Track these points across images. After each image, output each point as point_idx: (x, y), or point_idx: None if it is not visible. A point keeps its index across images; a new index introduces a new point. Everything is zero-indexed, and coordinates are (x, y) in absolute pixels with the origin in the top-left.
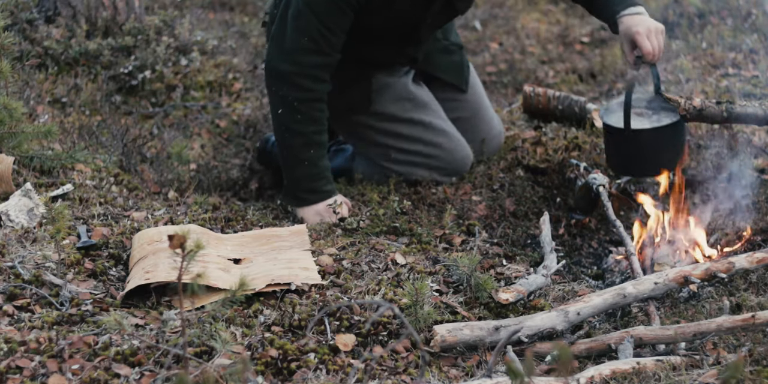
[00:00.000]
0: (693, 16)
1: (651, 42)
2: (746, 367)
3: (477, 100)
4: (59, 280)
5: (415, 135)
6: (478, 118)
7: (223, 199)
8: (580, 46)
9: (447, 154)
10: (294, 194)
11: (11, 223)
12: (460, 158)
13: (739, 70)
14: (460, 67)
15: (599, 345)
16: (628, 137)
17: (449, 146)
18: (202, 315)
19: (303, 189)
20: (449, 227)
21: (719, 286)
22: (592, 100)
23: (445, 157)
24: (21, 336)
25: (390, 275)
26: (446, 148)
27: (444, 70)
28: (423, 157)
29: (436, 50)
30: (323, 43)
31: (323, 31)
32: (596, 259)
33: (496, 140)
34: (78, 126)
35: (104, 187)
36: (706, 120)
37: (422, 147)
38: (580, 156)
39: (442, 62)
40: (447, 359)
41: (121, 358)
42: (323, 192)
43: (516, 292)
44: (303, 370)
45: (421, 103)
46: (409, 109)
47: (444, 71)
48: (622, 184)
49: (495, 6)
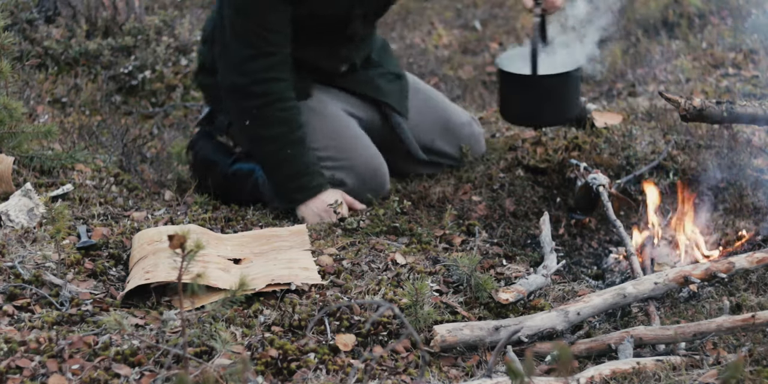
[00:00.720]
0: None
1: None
2: (746, 367)
3: (425, 92)
4: (59, 280)
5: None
6: (431, 104)
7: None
8: None
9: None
10: (284, 196)
11: (11, 223)
12: (372, 169)
13: (739, 70)
14: (400, 93)
15: (599, 345)
16: (533, 84)
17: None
18: (202, 315)
19: (291, 189)
20: (449, 227)
21: (719, 286)
22: (592, 100)
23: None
24: (21, 336)
25: (390, 275)
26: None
27: (387, 95)
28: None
29: (376, 75)
30: (264, 44)
31: (260, 32)
32: (596, 259)
33: (467, 129)
34: (78, 126)
35: (104, 187)
36: (706, 120)
37: (334, 153)
38: (580, 156)
39: (385, 87)
40: (447, 359)
41: (121, 358)
42: (312, 188)
43: (516, 292)
44: (303, 370)
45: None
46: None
47: (387, 96)
48: (622, 184)
49: (495, 6)
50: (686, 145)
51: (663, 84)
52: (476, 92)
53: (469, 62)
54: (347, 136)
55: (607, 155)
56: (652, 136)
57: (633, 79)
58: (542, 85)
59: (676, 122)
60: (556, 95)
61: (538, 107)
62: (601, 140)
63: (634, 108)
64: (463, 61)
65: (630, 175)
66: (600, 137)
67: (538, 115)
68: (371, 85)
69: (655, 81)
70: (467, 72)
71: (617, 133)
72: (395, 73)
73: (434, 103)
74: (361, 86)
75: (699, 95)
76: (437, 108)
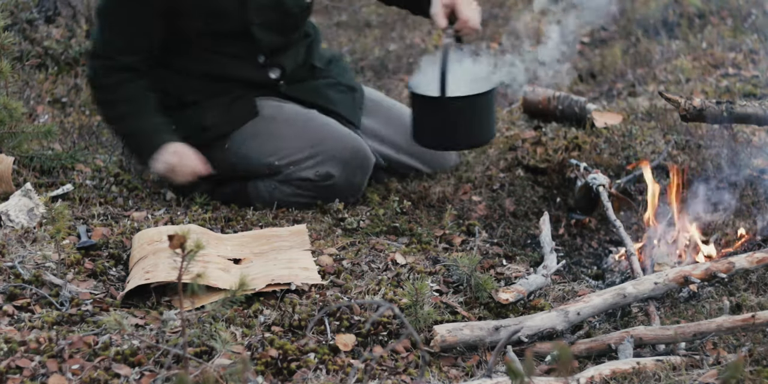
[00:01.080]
0: (693, 16)
1: (469, 11)
2: (746, 367)
3: (387, 105)
4: (59, 280)
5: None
6: (393, 116)
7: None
8: (580, 46)
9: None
10: (134, 154)
11: (11, 223)
12: (351, 150)
13: (739, 70)
14: (352, 103)
15: (599, 345)
16: (442, 106)
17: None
18: (202, 315)
19: (137, 147)
20: (449, 227)
21: (719, 286)
22: (592, 100)
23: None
24: (21, 336)
25: (390, 275)
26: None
27: (337, 104)
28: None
29: (324, 85)
30: (109, 48)
31: (113, 33)
32: (596, 259)
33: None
34: (78, 126)
35: (104, 187)
36: (706, 120)
37: (309, 151)
38: (580, 156)
39: (335, 97)
40: (447, 359)
41: (121, 358)
42: (156, 144)
43: (516, 292)
44: (303, 370)
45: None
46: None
47: (337, 104)
48: (622, 184)
49: (495, 6)
50: (686, 145)
51: (663, 84)
52: None
53: None
54: (314, 129)
55: (607, 155)
56: (652, 136)
57: (633, 79)
58: (451, 108)
59: (676, 122)
60: (465, 118)
61: (447, 130)
62: (601, 140)
63: (634, 108)
64: None
65: (630, 175)
66: (600, 137)
67: (449, 139)
68: (319, 94)
69: (655, 81)
70: None
71: (617, 133)
72: (347, 85)
73: (397, 115)
74: (309, 95)
75: (699, 95)
76: (400, 120)
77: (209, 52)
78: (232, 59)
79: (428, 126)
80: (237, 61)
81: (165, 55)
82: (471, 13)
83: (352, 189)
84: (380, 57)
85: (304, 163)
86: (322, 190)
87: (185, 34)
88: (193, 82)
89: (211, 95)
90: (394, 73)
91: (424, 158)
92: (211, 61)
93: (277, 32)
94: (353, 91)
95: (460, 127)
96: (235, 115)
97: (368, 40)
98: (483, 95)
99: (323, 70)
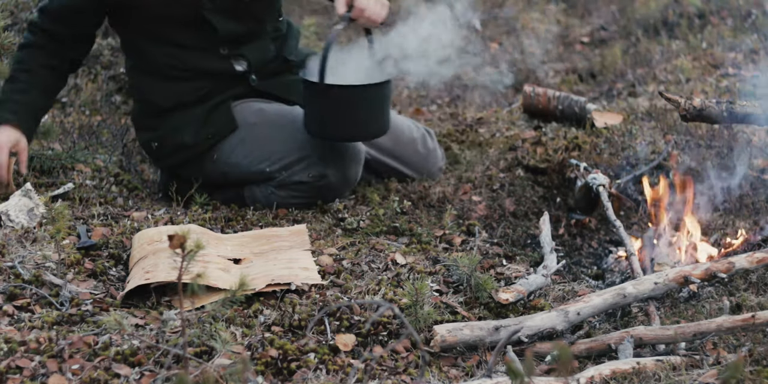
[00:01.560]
0: (693, 16)
1: (368, 1)
2: (746, 367)
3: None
4: (59, 280)
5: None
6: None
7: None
8: (580, 46)
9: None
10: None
11: (11, 223)
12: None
13: (739, 70)
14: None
15: (599, 345)
16: (322, 93)
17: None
18: (202, 315)
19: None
20: (449, 227)
21: (719, 286)
22: (592, 100)
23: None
24: (21, 336)
25: (390, 275)
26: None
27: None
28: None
29: (300, 80)
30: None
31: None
32: (596, 259)
33: (413, 146)
34: (78, 126)
35: (104, 187)
36: (706, 120)
37: (298, 153)
38: (580, 156)
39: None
40: (447, 359)
41: (121, 358)
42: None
43: (516, 292)
44: (303, 370)
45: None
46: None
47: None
48: (622, 184)
49: (495, 6)
50: (686, 145)
51: (663, 84)
52: (476, 92)
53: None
54: (299, 130)
55: (607, 155)
56: (652, 136)
57: (633, 79)
58: (331, 96)
59: (676, 122)
60: (346, 108)
61: (327, 119)
62: (601, 140)
63: (634, 108)
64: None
65: (630, 175)
66: (600, 137)
67: (328, 128)
68: (293, 90)
69: (655, 81)
70: (467, 72)
71: (617, 133)
72: None
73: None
74: (283, 90)
75: (699, 95)
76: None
77: (171, 45)
78: (193, 50)
79: (309, 113)
80: (199, 53)
81: (132, 56)
82: (369, 4)
83: (348, 183)
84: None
85: (296, 166)
86: (319, 189)
87: (144, 27)
88: (165, 84)
89: (185, 102)
90: None
91: (409, 161)
92: (174, 55)
93: (233, 19)
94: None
95: (340, 117)
96: (212, 129)
97: None
98: (367, 87)
99: (299, 63)
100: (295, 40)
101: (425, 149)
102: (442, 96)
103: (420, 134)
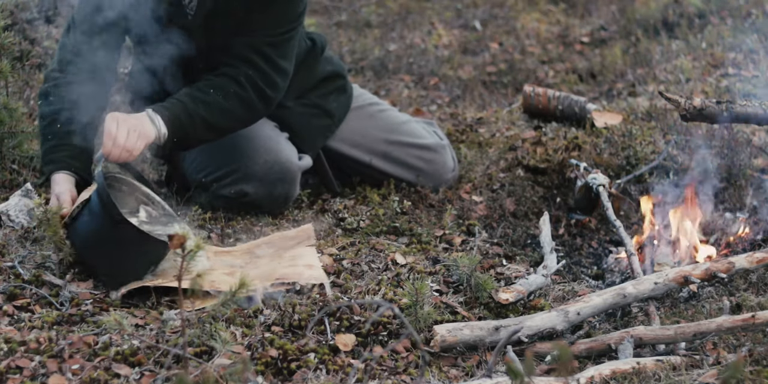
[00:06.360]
0: (693, 16)
1: (118, 134)
2: (746, 367)
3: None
4: (59, 280)
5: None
6: (372, 117)
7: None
8: (580, 46)
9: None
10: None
11: (11, 223)
12: (268, 165)
13: (739, 70)
14: (313, 132)
15: (599, 345)
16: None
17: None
18: (202, 315)
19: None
20: (449, 227)
21: (719, 286)
22: (592, 100)
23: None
24: (21, 336)
25: (390, 275)
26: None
27: (296, 129)
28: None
29: (298, 105)
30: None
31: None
32: (596, 259)
33: (418, 152)
34: None
35: None
36: (706, 120)
37: (225, 167)
38: (580, 156)
39: (298, 121)
40: (447, 359)
41: (121, 358)
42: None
43: (516, 292)
44: (303, 370)
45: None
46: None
47: (295, 130)
48: (622, 184)
49: (495, 6)
50: (686, 145)
51: (663, 84)
52: (476, 92)
53: (469, 62)
54: (234, 146)
55: (607, 155)
56: (652, 136)
57: (633, 79)
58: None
59: (676, 122)
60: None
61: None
62: (601, 140)
63: (634, 108)
64: (463, 61)
65: (630, 175)
66: (600, 137)
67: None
68: (277, 117)
69: (655, 81)
70: (467, 72)
71: (617, 133)
72: (324, 109)
73: (375, 124)
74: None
75: (699, 95)
76: (378, 128)
77: (149, 56)
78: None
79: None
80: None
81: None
82: (117, 135)
83: (276, 202)
84: (380, 57)
85: (223, 180)
86: (244, 205)
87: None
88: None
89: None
90: (394, 73)
91: (408, 165)
92: (154, 68)
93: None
94: (327, 117)
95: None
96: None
97: (368, 40)
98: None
99: (306, 90)
100: (314, 61)
101: (421, 156)
102: (442, 96)
103: (433, 142)
